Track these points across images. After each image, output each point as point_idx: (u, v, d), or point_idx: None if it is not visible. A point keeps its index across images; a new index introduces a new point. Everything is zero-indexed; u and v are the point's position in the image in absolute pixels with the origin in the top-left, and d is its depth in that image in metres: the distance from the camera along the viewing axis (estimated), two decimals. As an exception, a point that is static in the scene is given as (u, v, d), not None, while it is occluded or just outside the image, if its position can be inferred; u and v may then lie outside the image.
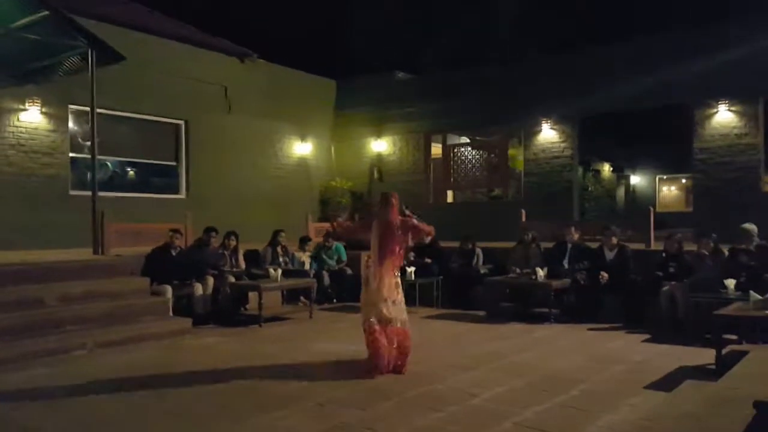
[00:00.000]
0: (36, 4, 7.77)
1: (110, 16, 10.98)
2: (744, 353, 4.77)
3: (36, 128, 10.59)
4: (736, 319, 5.95)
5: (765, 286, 6.60)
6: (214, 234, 9.37)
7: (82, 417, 4.58)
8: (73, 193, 10.89)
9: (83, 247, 9.10)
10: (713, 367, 5.60)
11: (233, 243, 9.56)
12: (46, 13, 7.82)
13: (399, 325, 5.81)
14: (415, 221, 6.35)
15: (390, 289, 5.86)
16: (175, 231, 8.93)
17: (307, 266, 10.38)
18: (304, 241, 10.74)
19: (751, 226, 7.66)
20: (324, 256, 10.71)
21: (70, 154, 11.07)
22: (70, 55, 8.75)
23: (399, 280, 6.05)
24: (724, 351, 5.64)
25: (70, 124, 11.12)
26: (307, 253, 10.62)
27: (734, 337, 6.35)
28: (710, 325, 6.05)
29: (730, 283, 6.98)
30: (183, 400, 5.00)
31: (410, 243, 6.73)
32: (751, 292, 6.15)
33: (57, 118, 10.84)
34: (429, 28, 22.99)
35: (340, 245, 10.86)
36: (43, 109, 10.63)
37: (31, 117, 10.52)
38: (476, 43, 21.97)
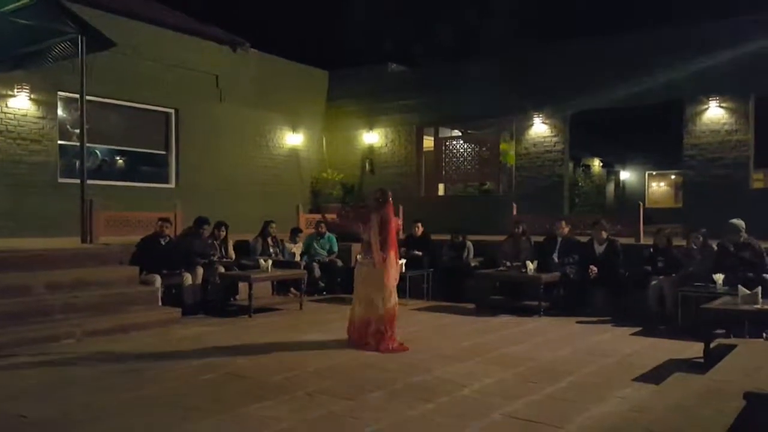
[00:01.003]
0: (26, -12, 7.67)
1: (101, 2, 10.85)
2: (732, 347, 4.80)
3: (24, 114, 10.48)
4: (724, 314, 5.99)
5: (753, 281, 6.65)
6: (206, 227, 9.32)
7: (69, 406, 4.54)
8: (61, 180, 10.80)
9: (71, 236, 9.04)
10: (701, 360, 5.64)
11: (223, 233, 9.52)
12: (37, -3, 7.72)
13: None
14: (399, 222, 7.14)
15: (394, 279, 6.55)
16: (165, 220, 8.87)
17: (297, 257, 10.35)
18: (295, 232, 10.71)
19: (738, 222, 7.70)
20: (315, 245, 10.68)
21: (59, 142, 10.97)
22: (60, 40, 8.63)
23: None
24: (712, 345, 5.69)
25: (59, 111, 11.02)
26: (298, 245, 10.59)
27: (722, 330, 6.40)
28: (698, 319, 6.10)
29: (719, 277, 7.03)
30: (171, 390, 4.97)
31: None
32: (740, 286, 6.19)
33: (46, 104, 10.73)
34: (422, 21, 22.96)
35: (333, 236, 10.83)
36: (32, 96, 10.52)
37: (20, 103, 10.41)
38: (469, 36, 21.96)
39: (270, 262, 9.04)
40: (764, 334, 6.16)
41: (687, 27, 11.64)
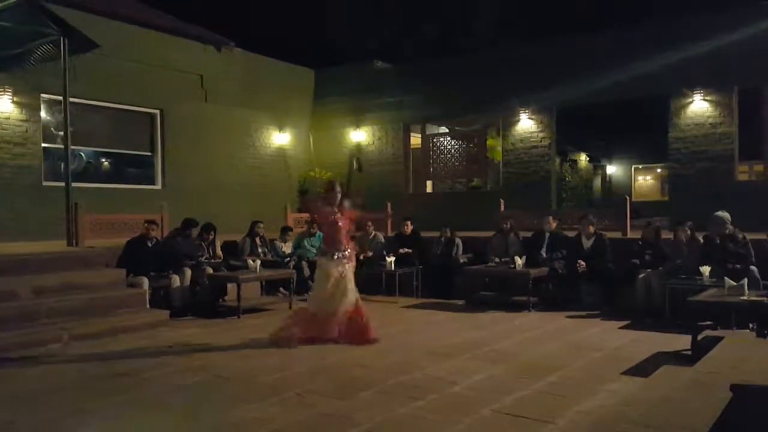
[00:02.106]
0: (7, -10, 7.58)
1: (83, 2, 10.75)
2: (719, 339, 4.84)
3: (7, 118, 10.35)
4: (711, 306, 6.04)
5: (739, 273, 6.71)
6: (194, 229, 9.25)
7: (58, 412, 4.50)
8: (46, 184, 10.68)
9: (57, 239, 8.96)
10: (689, 352, 5.68)
11: (211, 235, 9.47)
12: (18, -1, 7.64)
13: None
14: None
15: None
16: (151, 222, 8.82)
17: (288, 251, 10.37)
18: (285, 230, 10.69)
19: (724, 214, 7.77)
20: (306, 243, 10.66)
21: (43, 145, 10.84)
22: (42, 42, 8.54)
23: None
24: (699, 337, 5.73)
25: (43, 114, 10.89)
26: (288, 243, 10.56)
27: (709, 322, 6.45)
28: (686, 311, 6.14)
29: (706, 270, 7.09)
30: (161, 393, 4.94)
31: None
32: (726, 278, 6.24)
33: (29, 107, 10.61)
34: (408, 17, 22.94)
35: (321, 234, 10.79)
36: (15, 98, 10.40)
37: (2, 106, 10.28)
38: (455, 32, 21.98)
39: (258, 262, 9.01)
40: (750, 325, 6.22)
41: (670, 21, 11.71)
